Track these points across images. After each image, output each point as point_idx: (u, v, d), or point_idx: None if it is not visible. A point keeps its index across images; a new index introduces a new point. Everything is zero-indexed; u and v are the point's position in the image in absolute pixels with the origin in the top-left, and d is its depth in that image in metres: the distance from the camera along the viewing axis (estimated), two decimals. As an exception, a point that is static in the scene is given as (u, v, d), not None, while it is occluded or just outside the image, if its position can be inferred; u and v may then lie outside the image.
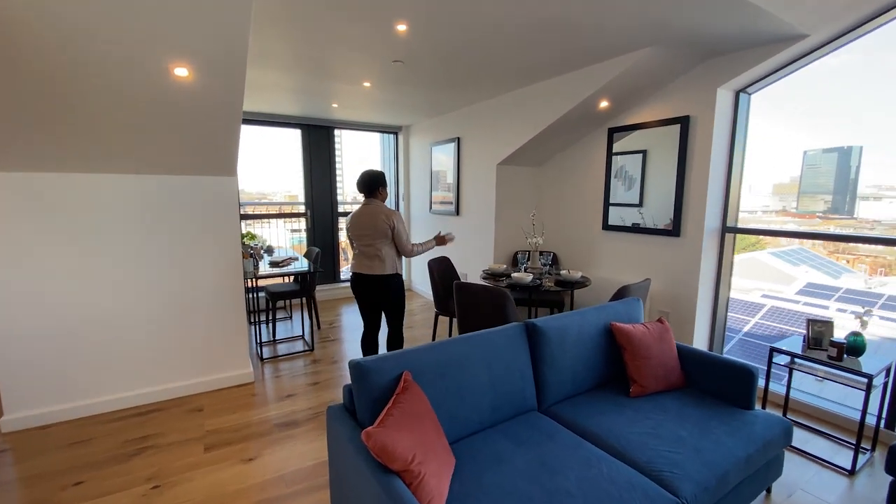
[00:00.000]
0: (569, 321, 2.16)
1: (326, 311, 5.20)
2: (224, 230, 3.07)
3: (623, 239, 3.70)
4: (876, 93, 3.01)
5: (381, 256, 2.84)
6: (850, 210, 4.03)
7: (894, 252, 7.20)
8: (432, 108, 4.79)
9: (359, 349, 3.94)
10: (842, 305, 8.52)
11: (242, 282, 3.19)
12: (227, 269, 3.11)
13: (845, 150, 4.07)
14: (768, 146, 3.33)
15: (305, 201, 5.60)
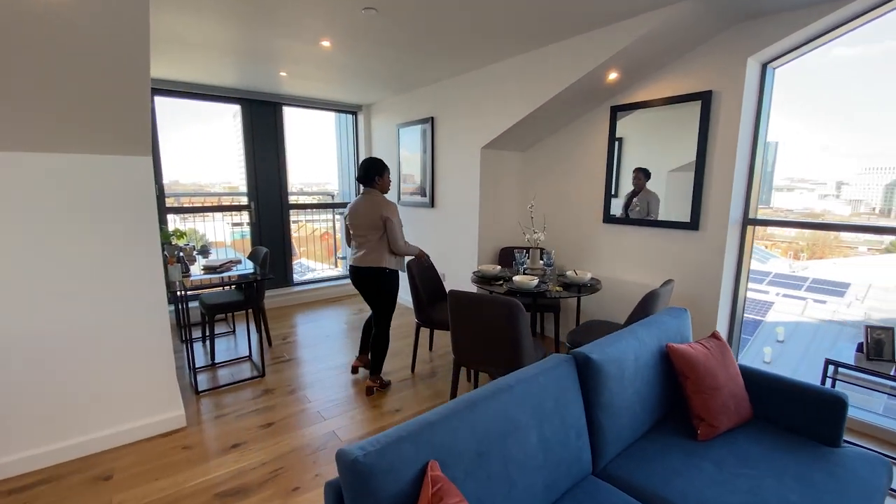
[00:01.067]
0: (625, 346, 1.64)
1: (278, 322, 4.40)
2: (137, 227, 2.26)
3: (628, 233, 3.27)
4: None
5: (372, 249, 2.77)
6: (766, 200, 3.95)
7: (806, 237, 7.53)
8: (401, 83, 4.10)
9: (321, 370, 3.24)
10: (777, 290, 8.82)
11: (165, 295, 2.40)
12: (142, 278, 2.30)
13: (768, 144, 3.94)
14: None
15: (248, 191, 4.73)
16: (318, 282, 5.33)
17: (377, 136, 5.18)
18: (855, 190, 4.72)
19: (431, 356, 3.51)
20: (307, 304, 5.03)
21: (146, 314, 2.33)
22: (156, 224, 2.33)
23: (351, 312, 4.69)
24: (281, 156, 4.83)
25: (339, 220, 5.79)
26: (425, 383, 3.04)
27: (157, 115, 4.11)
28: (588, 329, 2.75)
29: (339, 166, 5.65)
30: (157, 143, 4.13)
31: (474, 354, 2.36)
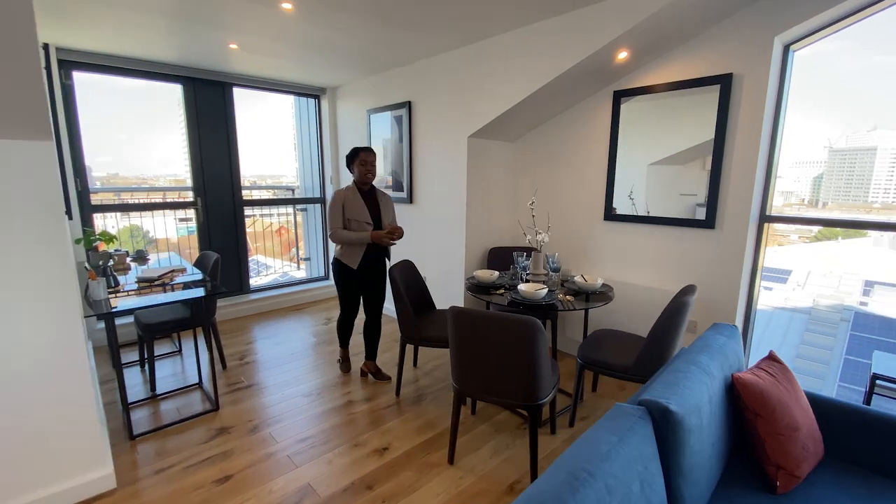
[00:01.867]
0: (698, 386, 1.29)
1: (234, 337, 3.82)
2: (36, 232, 1.68)
3: (633, 231, 2.97)
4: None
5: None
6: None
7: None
8: (373, 61, 3.60)
9: (289, 398, 2.74)
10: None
11: (80, 319, 1.84)
12: (46, 298, 1.73)
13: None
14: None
15: (194, 186, 4.08)
16: (278, 287, 4.74)
17: (344, 123, 4.64)
18: (786, 182, 4.76)
19: (417, 374, 3.09)
20: (267, 313, 4.45)
21: (53, 345, 1.76)
22: (63, 227, 1.76)
23: (318, 322, 4.17)
24: (232, 145, 4.20)
25: (300, 215, 5.21)
26: (413, 410, 2.61)
27: (80, 95, 3.40)
28: (599, 341, 2.43)
29: (300, 157, 5.06)
30: (78, 129, 3.42)
31: (481, 383, 1.96)
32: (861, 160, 3.45)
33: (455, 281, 3.55)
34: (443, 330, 2.62)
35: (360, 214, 2.75)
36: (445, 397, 2.75)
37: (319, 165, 4.93)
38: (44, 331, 1.72)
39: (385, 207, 2.86)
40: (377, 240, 2.70)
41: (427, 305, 3.06)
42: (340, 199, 2.76)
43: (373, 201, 2.84)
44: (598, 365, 2.27)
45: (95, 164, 4.66)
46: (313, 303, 4.80)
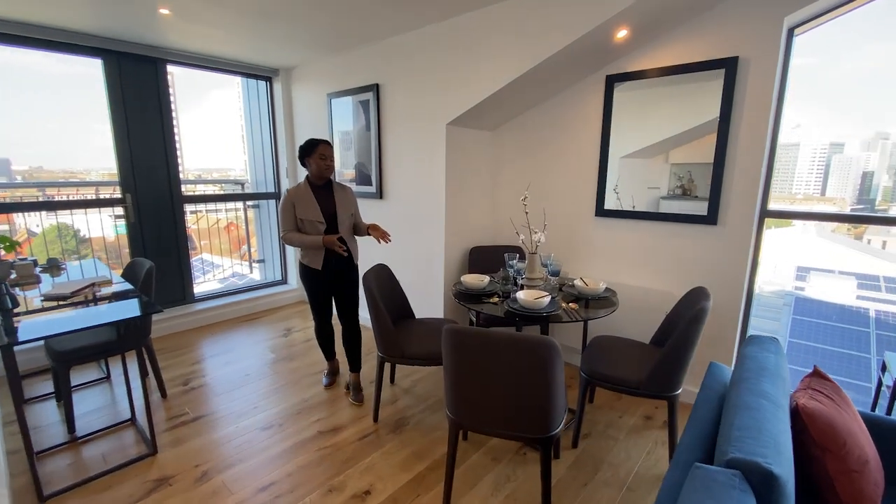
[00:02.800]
0: (781, 430, 1.04)
1: (175, 357, 3.29)
2: None
3: (627, 228, 2.76)
4: None
5: None
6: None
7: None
8: (335, 38, 3.17)
9: (245, 432, 2.31)
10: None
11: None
12: None
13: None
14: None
15: (121, 180, 3.47)
16: (229, 294, 4.20)
17: (301, 108, 4.15)
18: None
19: (395, 392, 2.74)
20: (216, 325, 3.92)
21: None
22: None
23: (276, 334, 3.70)
24: (168, 132, 3.61)
25: (252, 212, 4.67)
26: (396, 439, 2.27)
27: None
28: (602, 351, 2.19)
29: (249, 148, 4.51)
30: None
31: (483, 414, 1.65)
32: (785, 156, 3.46)
33: (434, 285, 3.22)
34: (428, 345, 2.29)
35: (312, 213, 2.41)
36: (431, 420, 2.43)
37: (273, 157, 4.41)
38: None
39: (342, 203, 2.52)
40: (329, 246, 2.35)
41: (406, 315, 2.71)
42: (290, 200, 2.42)
43: (327, 197, 2.50)
44: (605, 380, 2.02)
45: (15, 157, 3.93)
46: (270, 311, 4.30)
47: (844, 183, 41.96)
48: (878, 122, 18.20)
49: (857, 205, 44.19)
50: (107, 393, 2.74)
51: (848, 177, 40.81)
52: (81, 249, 4.16)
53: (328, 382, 2.79)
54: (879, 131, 34.71)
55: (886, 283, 13.33)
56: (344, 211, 2.51)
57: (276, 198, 4.48)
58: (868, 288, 13.04)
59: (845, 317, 11.08)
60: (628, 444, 2.24)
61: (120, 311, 2.03)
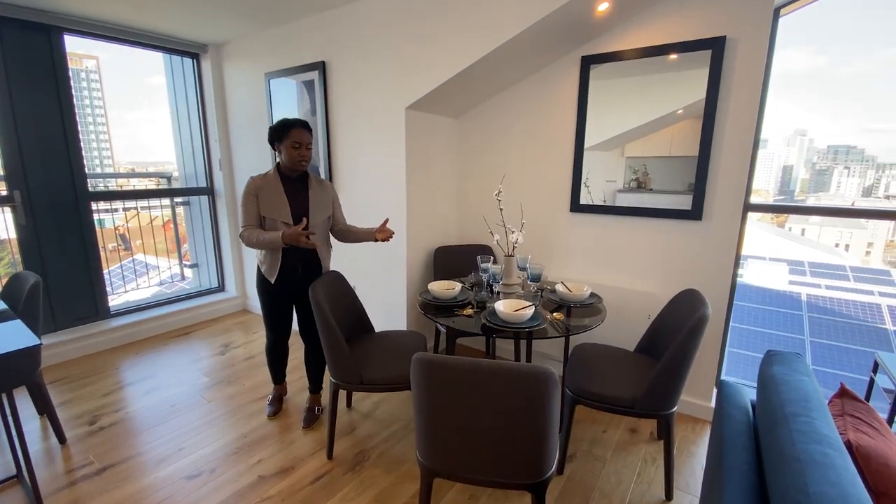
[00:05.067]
0: (857, 492, 0.80)
1: (82, 387, 2.73)
2: None
3: (605, 225, 2.55)
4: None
5: None
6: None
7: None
8: (273, 6, 2.71)
9: (167, 484, 1.88)
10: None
11: None
12: None
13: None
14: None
15: (7, 173, 2.84)
16: (154, 307, 3.63)
17: (235, 91, 3.62)
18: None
19: (352, 419, 2.38)
20: (138, 344, 3.35)
21: None
22: None
23: (212, 352, 3.21)
24: (67, 116, 3.00)
25: (182, 210, 4.09)
26: (356, 479, 1.92)
27: None
28: (587, 364, 1.95)
29: (177, 137, 3.91)
30: None
31: (464, 460, 1.35)
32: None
33: (395, 292, 2.87)
34: (392, 367, 1.95)
35: (278, 211, 1.99)
36: (396, 452, 2.10)
37: (203, 147, 3.85)
38: None
39: (317, 202, 2.09)
40: (292, 240, 1.89)
41: (363, 329, 2.35)
42: (253, 190, 1.98)
43: (300, 193, 2.07)
44: (595, 399, 1.78)
45: None
46: (205, 324, 3.77)
47: (768, 176, 46.66)
48: (797, 120, 19.23)
49: (778, 195, 48.83)
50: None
51: (771, 170, 44.94)
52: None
53: (272, 411, 2.38)
54: (798, 129, 38.95)
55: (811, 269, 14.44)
56: (319, 212, 2.09)
57: (208, 193, 3.93)
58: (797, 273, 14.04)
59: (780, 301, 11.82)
60: (617, 464, 2.02)
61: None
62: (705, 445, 2.17)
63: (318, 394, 2.39)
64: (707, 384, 2.38)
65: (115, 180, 6.29)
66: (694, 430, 2.29)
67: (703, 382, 2.38)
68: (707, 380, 2.37)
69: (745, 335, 10.82)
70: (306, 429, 2.25)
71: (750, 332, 10.78)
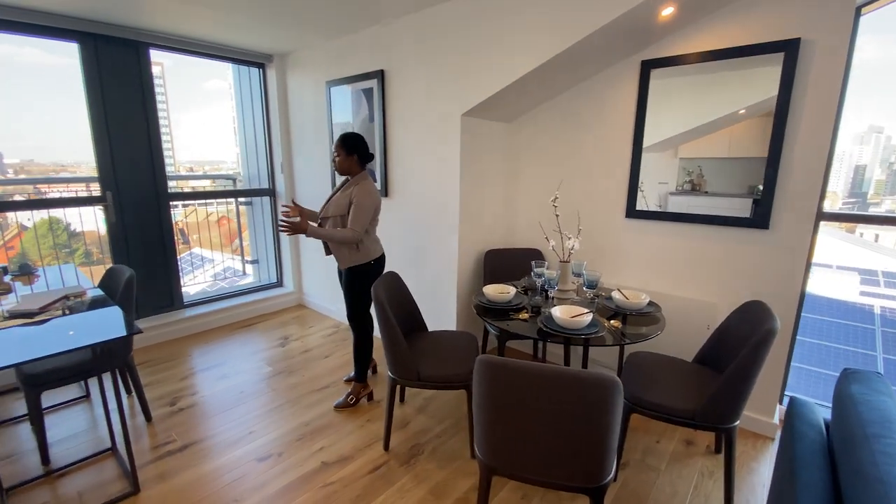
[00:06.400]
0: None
1: (161, 371, 3.00)
2: None
3: (661, 231, 2.50)
4: None
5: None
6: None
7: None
8: (337, 18, 2.85)
9: (239, 464, 2.04)
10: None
11: None
12: None
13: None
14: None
15: (101, 177, 3.16)
16: (221, 299, 3.91)
17: (297, 98, 3.83)
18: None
19: (405, 413, 2.47)
20: (207, 333, 3.63)
21: None
22: None
23: (272, 344, 3.42)
24: (152, 124, 3.30)
25: (245, 209, 4.37)
26: (410, 472, 2.01)
27: None
28: (643, 373, 1.93)
29: (241, 141, 4.19)
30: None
31: (523, 459, 1.39)
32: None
33: (445, 292, 2.95)
34: (449, 366, 2.03)
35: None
36: (449, 448, 2.17)
37: (267, 151, 4.10)
38: None
39: (334, 201, 2.38)
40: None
41: (418, 327, 2.45)
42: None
43: (335, 193, 2.45)
44: (653, 408, 1.77)
45: (7, 151, 3.68)
46: (265, 317, 4.02)
47: (837, 177, 40.47)
48: (872, 116, 17.58)
49: (848, 198, 42.48)
50: (86, 414, 2.46)
51: (840, 170, 39.14)
52: (73, 243, 3.90)
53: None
54: (872, 125, 33.17)
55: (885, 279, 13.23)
56: (329, 210, 2.37)
57: (269, 194, 4.18)
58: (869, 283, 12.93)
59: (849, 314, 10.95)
60: (672, 475, 2.00)
61: (95, 331, 1.74)
62: (766, 462, 2.09)
63: (356, 382, 2.54)
64: (770, 400, 2.29)
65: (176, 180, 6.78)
66: (755, 447, 2.22)
67: (766, 398, 2.29)
68: (770, 395, 2.28)
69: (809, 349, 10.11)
70: (336, 408, 2.50)
71: (813, 345, 10.06)
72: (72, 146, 6.27)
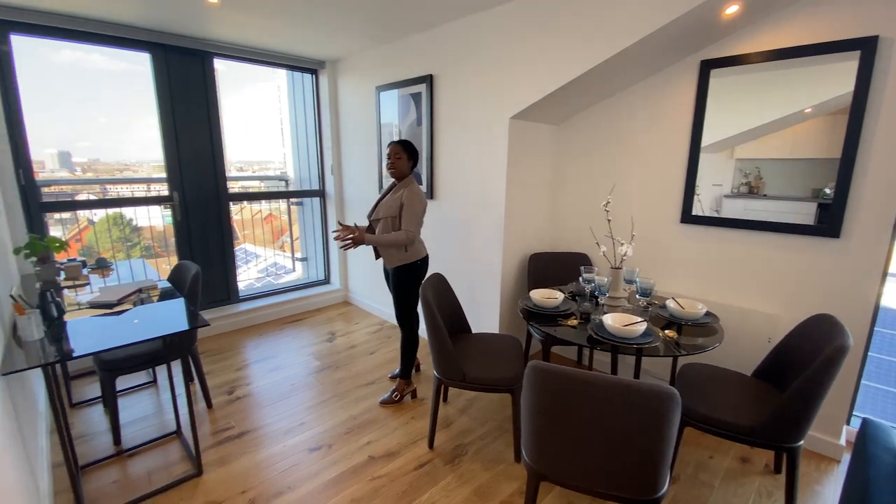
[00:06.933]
0: None
1: (220, 360, 3.19)
2: None
3: (719, 238, 2.40)
4: None
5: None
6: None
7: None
8: (388, 23, 2.93)
9: (293, 453, 2.15)
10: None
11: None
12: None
13: None
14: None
15: (169, 178, 3.39)
16: (273, 294, 4.10)
17: (347, 102, 3.96)
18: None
19: (448, 413, 2.51)
20: (260, 327, 3.82)
21: None
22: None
23: (320, 339, 3.55)
24: (215, 129, 3.51)
25: (297, 209, 4.55)
26: (454, 473, 2.04)
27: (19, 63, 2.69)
28: (698, 385, 1.87)
29: (294, 144, 4.37)
30: (18, 109, 2.72)
31: (573, 467, 1.39)
32: None
33: (488, 294, 2.96)
34: (494, 369, 2.04)
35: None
36: (492, 450, 2.18)
37: (318, 153, 4.25)
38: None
39: (384, 204, 2.46)
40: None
41: (462, 329, 2.47)
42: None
43: (384, 196, 2.53)
44: (708, 423, 1.71)
45: (75, 150, 4.12)
46: (313, 312, 4.18)
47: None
48: None
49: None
50: (153, 399, 2.66)
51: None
52: (134, 237, 4.22)
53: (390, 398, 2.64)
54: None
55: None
56: (380, 212, 2.45)
57: (319, 195, 4.34)
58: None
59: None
60: (726, 493, 1.92)
61: (168, 323, 1.89)
62: (832, 485, 1.97)
63: (401, 379, 2.62)
64: (836, 420, 2.15)
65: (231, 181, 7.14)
66: (818, 468, 2.09)
67: (832, 417, 2.15)
68: (837, 415, 2.14)
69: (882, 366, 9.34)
70: (381, 404, 2.59)
71: (883, 361, 9.27)
72: (134, 146, 6.80)
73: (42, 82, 2.87)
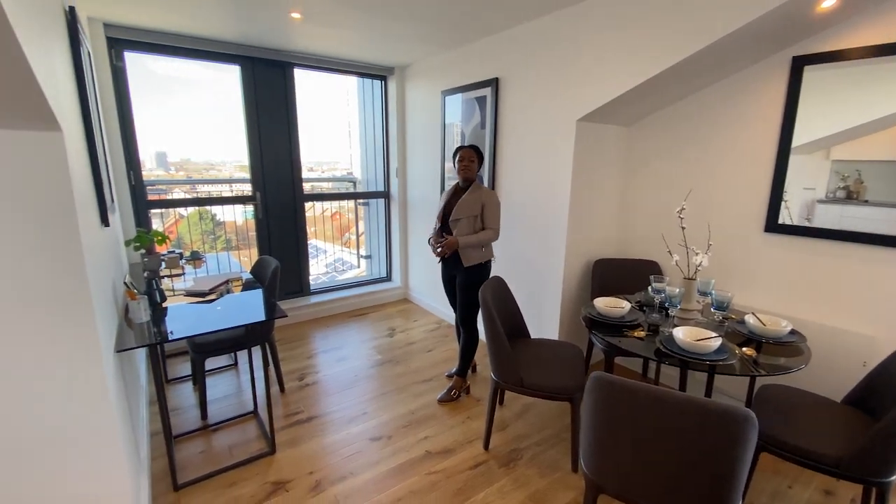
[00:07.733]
0: None
1: (291, 349, 3.43)
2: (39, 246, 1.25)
3: (809, 250, 2.20)
4: None
5: None
6: None
7: None
8: (457, 29, 2.98)
9: (355, 441, 2.27)
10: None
11: (105, 359, 1.42)
12: (57, 335, 1.30)
13: None
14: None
15: (252, 179, 3.70)
16: (340, 289, 4.33)
17: (413, 107, 4.08)
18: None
19: (504, 416, 2.52)
20: (327, 319, 4.05)
21: (69, 388, 1.33)
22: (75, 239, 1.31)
23: (381, 334, 3.70)
24: (293, 135, 3.77)
25: (363, 209, 4.77)
26: (509, 476, 2.05)
27: (133, 79, 3.07)
28: (778, 407, 1.73)
29: (362, 147, 4.58)
30: (130, 117, 3.10)
31: (636, 483, 1.35)
32: None
33: (549, 299, 2.93)
34: (553, 376, 2.03)
35: (437, 211, 2.66)
36: (547, 458, 2.17)
37: (384, 156, 4.42)
38: (57, 365, 1.30)
39: (463, 205, 2.50)
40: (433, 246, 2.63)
41: (520, 333, 2.47)
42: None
43: (456, 198, 2.57)
44: (788, 450, 1.58)
45: (170, 150, 4.66)
46: (375, 308, 4.36)
47: None
48: None
49: None
50: (234, 380, 2.92)
51: None
52: (217, 231, 4.65)
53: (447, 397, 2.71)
54: None
55: None
56: (461, 212, 2.49)
57: (384, 197, 4.51)
58: None
59: None
60: (807, 528, 1.77)
61: (252, 313, 2.08)
62: (941, 535, 1.74)
63: (457, 377, 2.70)
64: (949, 459, 1.89)
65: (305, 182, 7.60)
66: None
67: (944, 456, 1.89)
68: (950, 454, 1.88)
69: None
70: (439, 401, 2.65)
71: None
72: (219, 147, 7.69)
73: (145, 90, 3.25)
